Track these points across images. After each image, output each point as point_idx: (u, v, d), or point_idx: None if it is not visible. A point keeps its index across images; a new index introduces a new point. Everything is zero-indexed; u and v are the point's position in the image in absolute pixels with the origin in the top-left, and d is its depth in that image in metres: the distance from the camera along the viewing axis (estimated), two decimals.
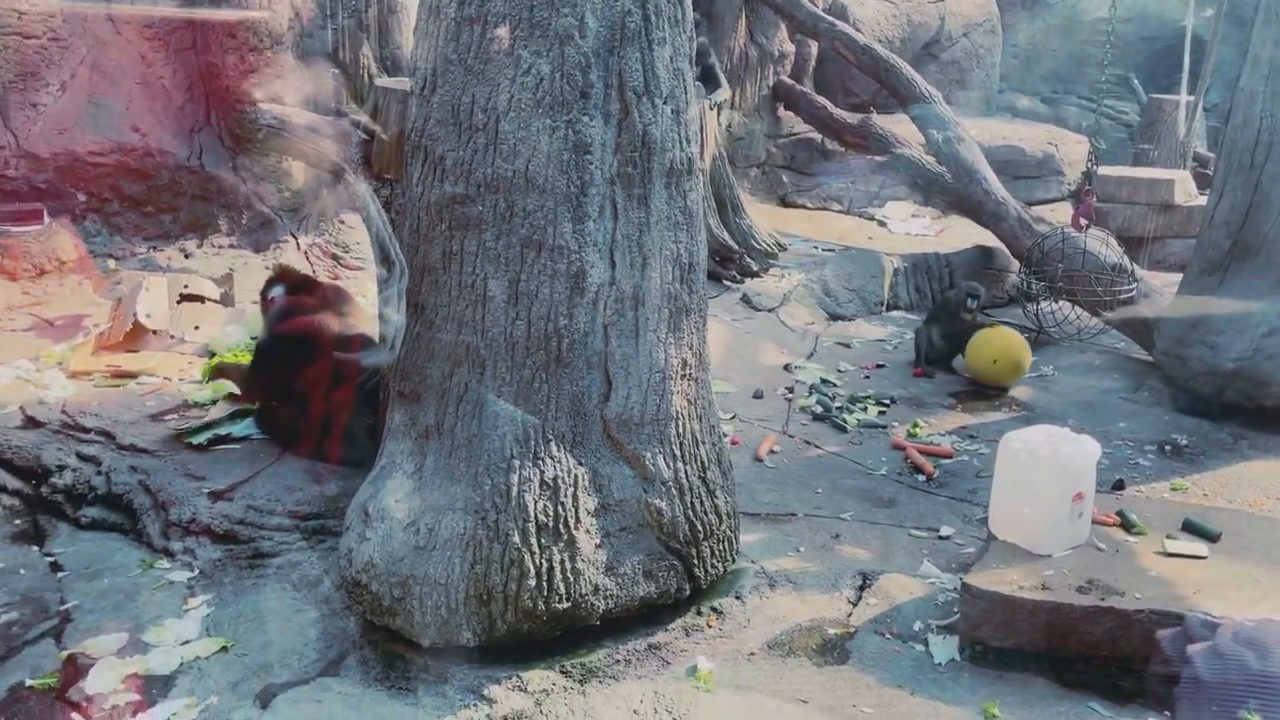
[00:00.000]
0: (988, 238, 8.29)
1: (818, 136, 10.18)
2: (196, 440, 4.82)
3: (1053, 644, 3.35)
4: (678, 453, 3.55)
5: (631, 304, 3.43)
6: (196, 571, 4.04)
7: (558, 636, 3.41)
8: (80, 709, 3.26)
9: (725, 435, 3.97)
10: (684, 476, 3.55)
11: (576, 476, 3.40)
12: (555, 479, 3.37)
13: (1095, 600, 3.34)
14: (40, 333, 6.05)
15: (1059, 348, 7.17)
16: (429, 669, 3.38)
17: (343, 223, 7.63)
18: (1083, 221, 6.60)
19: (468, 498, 3.34)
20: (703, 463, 3.63)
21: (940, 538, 4.38)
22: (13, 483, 4.68)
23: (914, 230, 9.54)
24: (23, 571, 4.07)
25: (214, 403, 5.26)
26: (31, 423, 5.03)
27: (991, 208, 7.90)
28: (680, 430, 3.56)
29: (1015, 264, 8.13)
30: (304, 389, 4.71)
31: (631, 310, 3.43)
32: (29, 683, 3.38)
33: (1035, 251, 7.05)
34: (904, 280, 8.24)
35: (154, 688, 3.36)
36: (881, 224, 9.73)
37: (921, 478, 5.02)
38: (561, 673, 3.35)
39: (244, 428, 4.99)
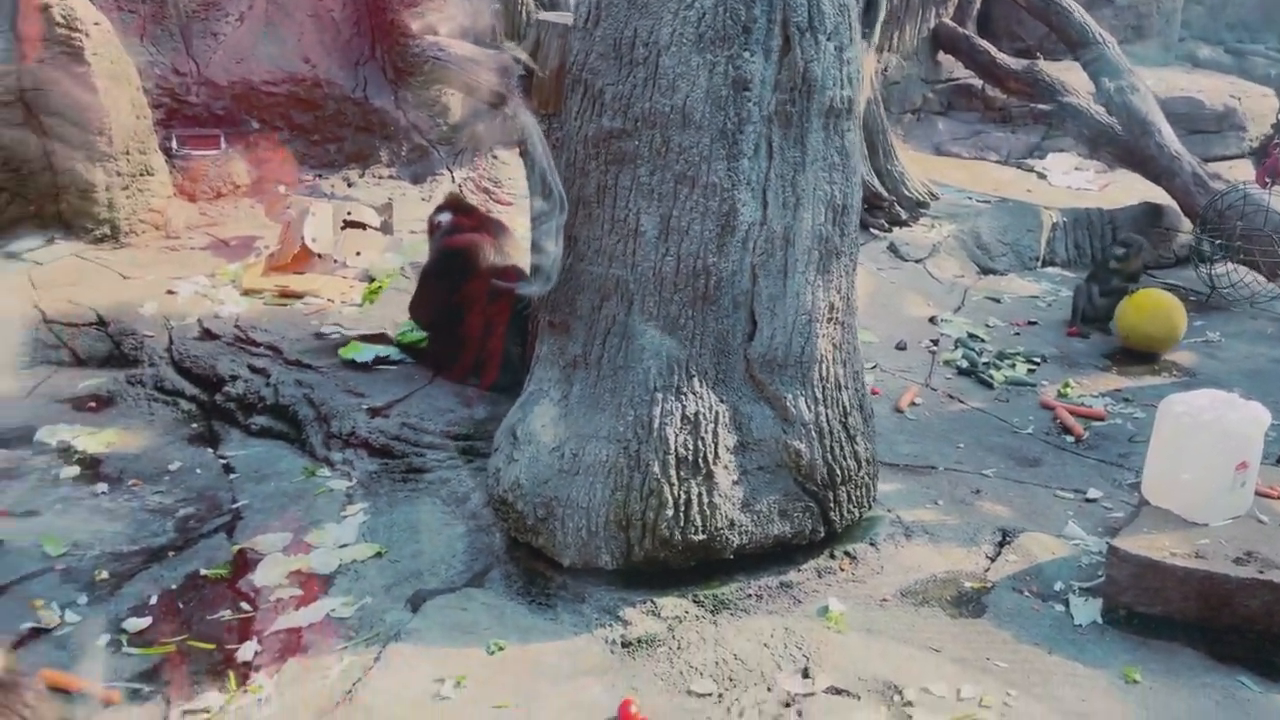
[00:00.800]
0: (1156, 194, 7.83)
1: (978, 83, 9.76)
2: (358, 359, 5.08)
3: (1203, 614, 3.23)
4: (820, 396, 3.54)
5: (781, 244, 3.41)
6: (354, 481, 4.30)
7: (692, 567, 3.48)
8: (248, 598, 3.54)
9: (867, 384, 3.93)
10: (825, 420, 3.55)
11: (718, 413, 3.44)
12: (696, 414, 3.42)
13: (1253, 573, 3.19)
14: (216, 251, 6.45)
15: (1228, 313, 6.76)
16: (568, 587, 3.52)
17: (496, 157, 7.81)
18: (1267, 179, 6.17)
19: (611, 427, 3.43)
20: (844, 408, 3.61)
21: (1087, 500, 4.25)
22: (190, 389, 5.05)
23: (1076, 184, 9.09)
24: (199, 471, 4.41)
25: (367, 325, 5.52)
26: (208, 335, 5.41)
27: (1164, 163, 7.45)
28: (823, 374, 3.54)
29: (1186, 223, 7.67)
30: (460, 315, 4.89)
31: (781, 250, 3.42)
32: (204, 572, 3.68)
33: (1211, 210, 6.63)
34: (1063, 235, 7.88)
35: (314, 585, 3.61)
36: (1041, 176, 9.31)
37: (1070, 439, 4.86)
38: (694, 602, 3.44)
39: (399, 352, 5.23)
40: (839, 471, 3.59)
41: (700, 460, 3.40)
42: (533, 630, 3.35)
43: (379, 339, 5.28)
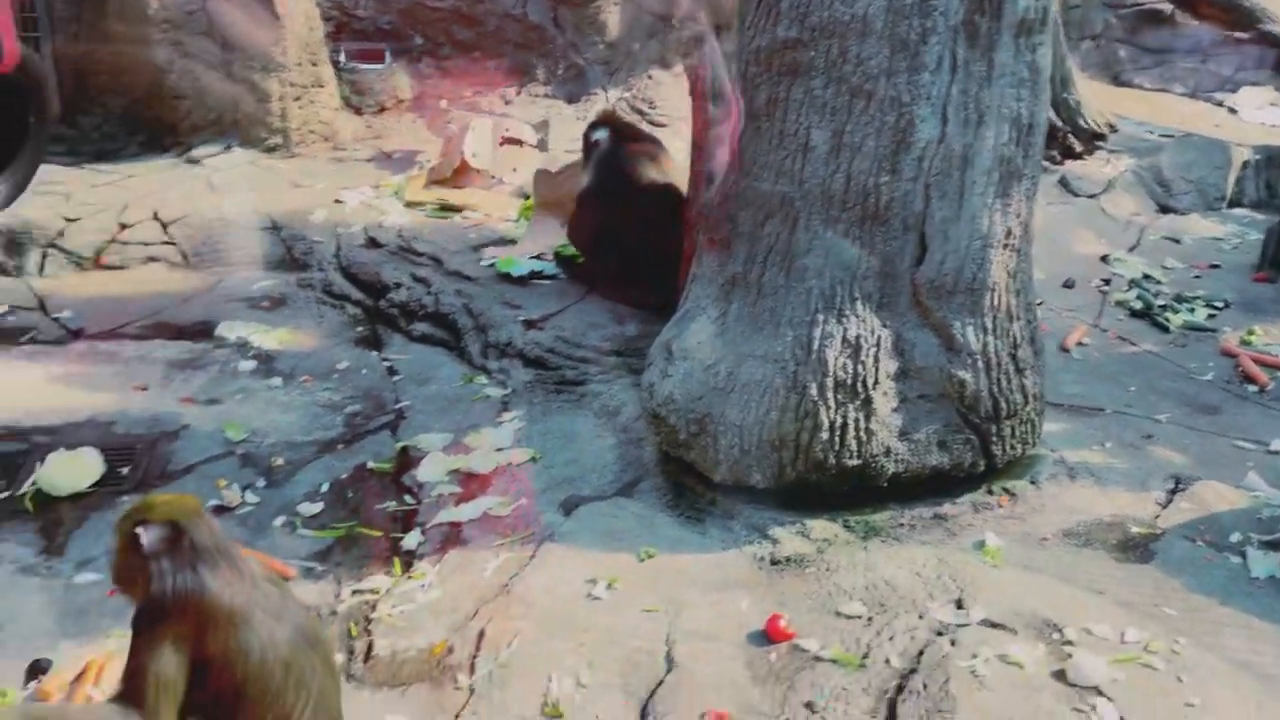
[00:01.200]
0: None
1: (1167, 7, 9.06)
2: (514, 272, 5.18)
3: None
4: (989, 325, 3.41)
5: (959, 164, 3.27)
6: (509, 390, 4.41)
7: (843, 492, 3.44)
8: (411, 492, 3.70)
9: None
10: (993, 351, 3.42)
11: (880, 338, 3.36)
12: (858, 338, 3.34)
13: None
14: (379, 164, 6.65)
15: None
16: (717, 504, 3.54)
17: (650, 78, 7.74)
18: None
19: (768, 347, 3.40)
20: (1014, 339, 3.47)
21: (1270, 452, 3.98)
22: (356, 294, 5.26)
23: (1271, 120, 8.39)
24: (364, 372, 4.61)
25: (523, 241, 5.61)
26: (373, 244, 5.60)
27: None
28: (995, 302, 3.40)
29: None
30: (616, 233, 4.91)
31: (958, 171, 3.28)
32: (370, 465, 3.86)
33: None
34: (1253, 175, 7.31)
35: (473, 484, 3.74)
36: (1232, 111, 8.62)
37: (1253, 388, 4.55)
38: (844, 526, 3.40)
39: (553, 266, 5.31)
40: (1004, 405, 3.46)
41: (859, 385, 3.34)
42: (681, 541, 3.39)
43: (533, 254, 5.37)
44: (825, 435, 3.34)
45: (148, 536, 2.21)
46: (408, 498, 3.66)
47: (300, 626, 2.34)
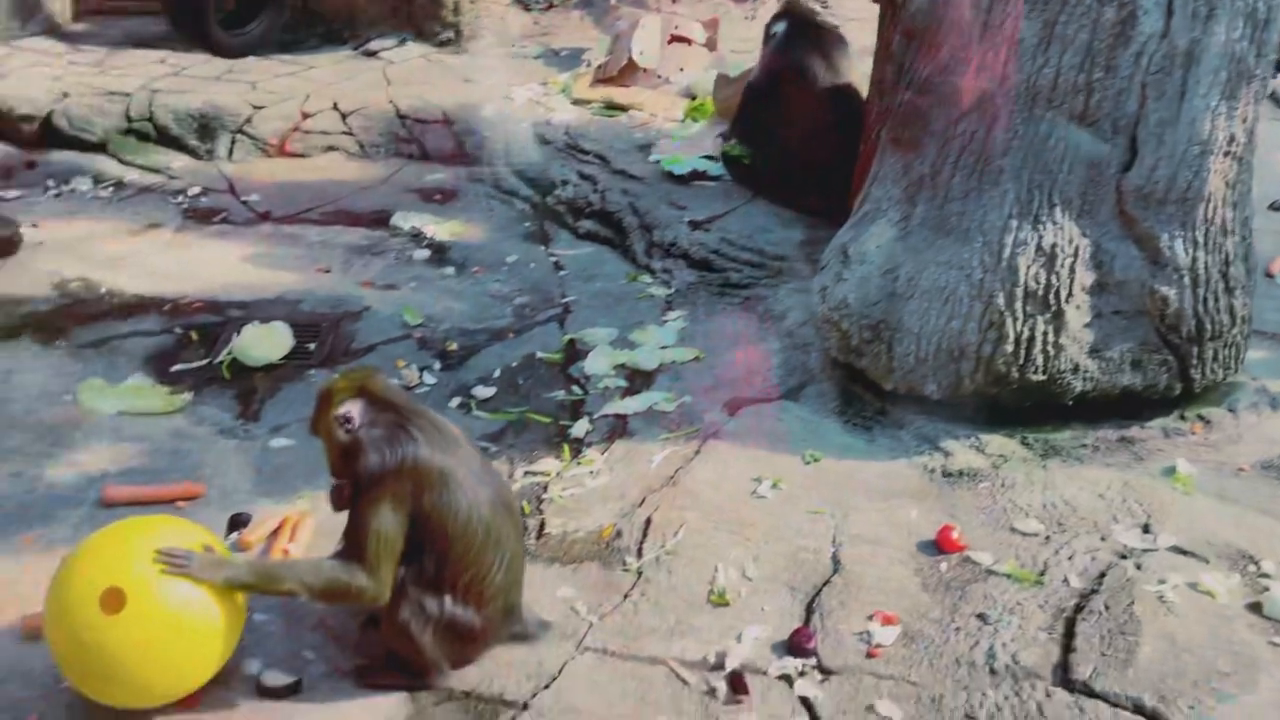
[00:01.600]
0: None
1: None
2: (678, 171, 5.13)
3: None
4: (1200, 239, 3.17)
5: (1182, 62, 3.01)
6: (673, 290, 4.40)
7: (1024, 408, 3.31)
8: (579, 383, 3.75)
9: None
10: (1202, 266, 3.19)
11: (1077, 248, 3.17)
12: (1053, 246, 3.17)
13: None
14: (548, 61, 6.64)
15: None
16: (886, 413, 3.46)
17: None
18: None
19: (954, 252, 3.26)
20: (1227, 256, 3.22)
21: None
22: (524, 190, 5.32)
23: None
24: (532, 266, 4.67)
25: (690, 141, 5.53)
26: (541, 140, 5.63)
27: None
28: (1209, 214, 3.16)
29: None
30: (785, 132, 4.78)
31: (1180, 69, 3.02)
32: (540, 354, 3.93)
33: None
34: None
35: (638, 379, 3.77)
36: None
37: None
38: (1022, 443, 3.28)
39: (719, 167, 5.22)
40: (1209, 326, 3.24)
41: (1051, 296, 3.18)
42: (848, 448, 3.34)
43: (699, 154, 5.28)
44: (1009, 347, 3.20)
45: (358, 407, 2.30)
46: (575, 388, 3.72)
47: (498, 490, 2.43)
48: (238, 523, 2.90)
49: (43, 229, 4.58)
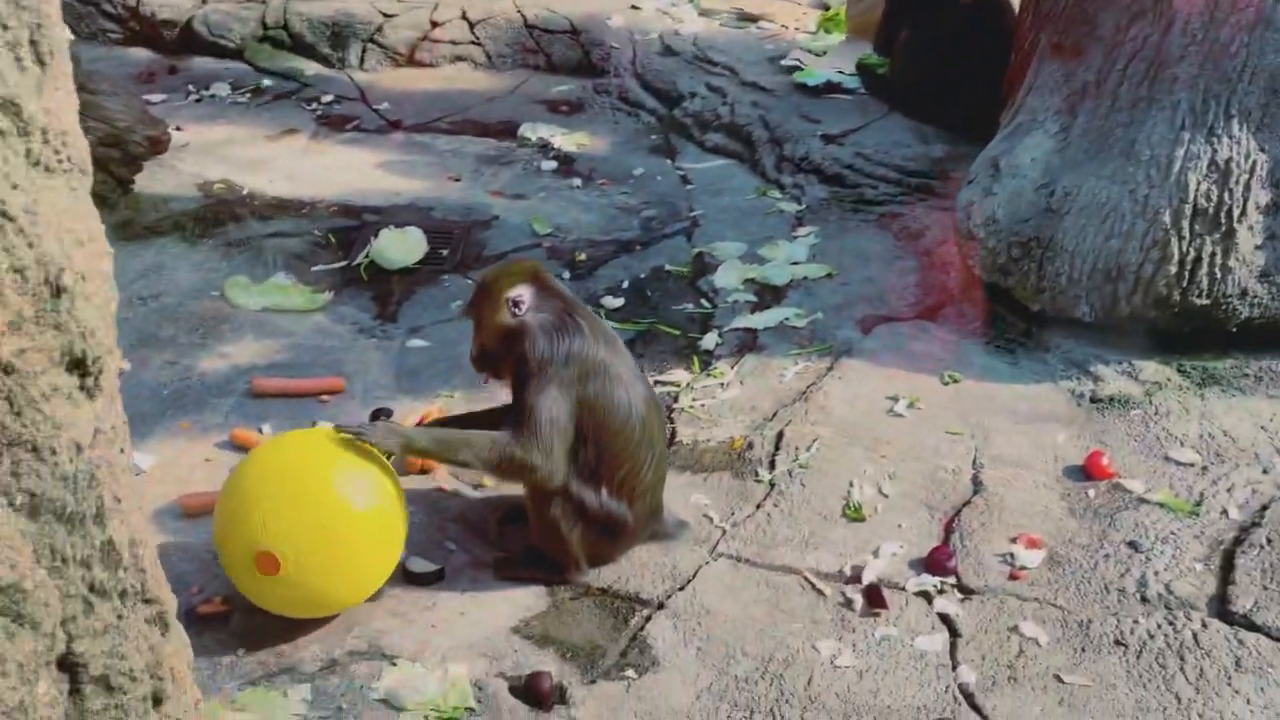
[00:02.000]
0: None
1: None
2: (811, 83, 4.96)
3: None
4: None
5: None
6: (804, 205, 4.28)
7: (1182, 334, 3.14)
8: (708, 296, 3.70)
9: None
10: None
11: (1255, 163, 2.95)
12: (1228, 162, 2.95)
13: None
14: None
15: None
16: (1031, 335, 3.32)
17: None
18: None
19: (1118, 166, 3.07)
20: None
21: None
22: (651, 102, 5.21)
23: None
24: (659, 179, 4.60)
25: (824, 53, 5.34)
26: (668, 51, 5.50)
27: None
28: None
29: None
30: (926, 42, 4.56)
31: None
32: (668, 267, 3.89)
33: None
34: None
35: (768, 294, 3.70)
36: None
37: None
38: (1179, 371, 3.11)
39: (853, 80, 5.03)
40: None
41: (1222, 215, 2.97)
42: (989, 370, 3.23)
43: (833, 67, 5.10)
44: (1173, 269, 3.02)
45: (529, 293, 2.30)
46: (704, 301, 3.67)
47: (650, 390, 2.43)
48: (379, 416, 2.96)
49: (186, 132, 4.71)
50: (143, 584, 1.05)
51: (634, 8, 5.85)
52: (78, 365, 0.93)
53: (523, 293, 2.32)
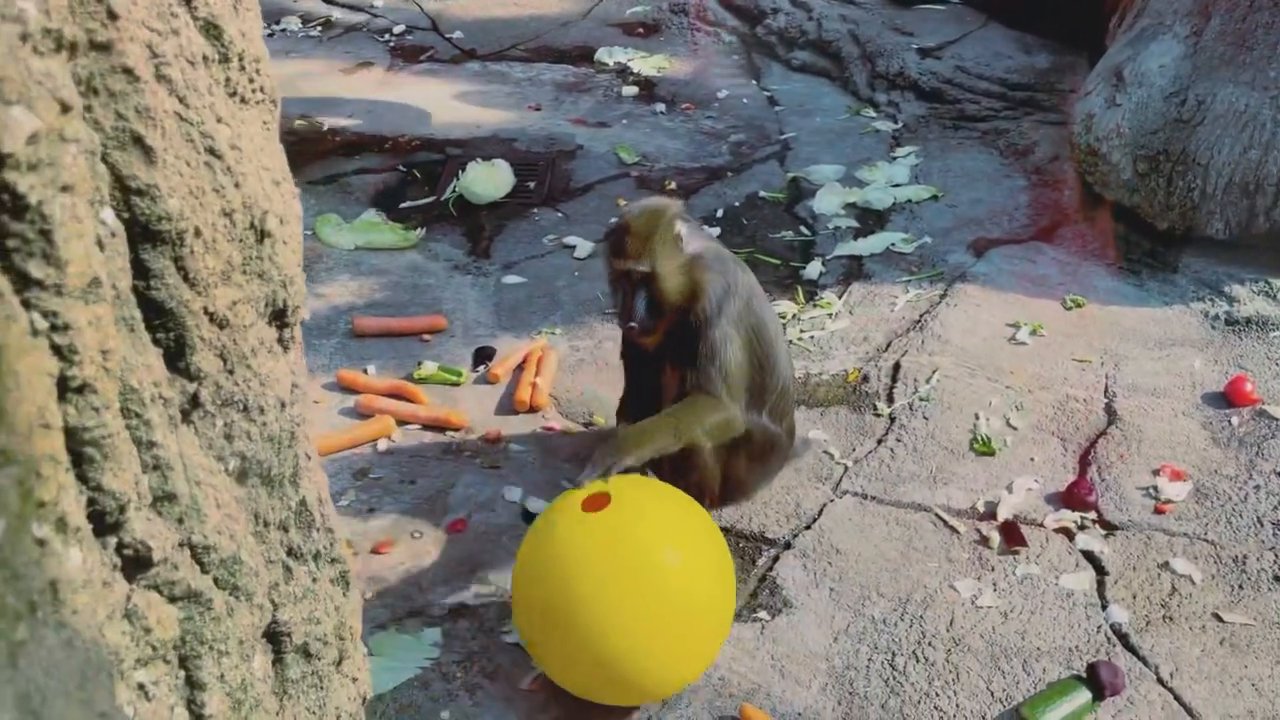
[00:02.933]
0: None
1: None
2: None
3: None
4: None
5: None
6: (901, 124, 4.10)
7: None
8: (806, 223, 3.56)
9: None
10: None
11: None
12: None
13: None
14: None
15: None
16: (1157, 255, 3.15)
17: None
18: None
19: (1258, 70, 2.85)
20: None
21: None
22: (732, 21, 5.01)
23: None
24: (745, 101, 4.43)
25: None
26: None
27: None
28: None
29: None
30: None
31: None
32: (762, 194, 3.75)
33: None
34: None
35: (870, 219, 3.55)
36: None
37: None
38: None
39: None
40: None
41: None
42: (1115, 293, 3.07)
43: None
44: None
45: (685, 228, 2.14)
46: (803, 229, 3.54)
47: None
48: (483, 356, 2.91)
49: None
50: (331, 543, 1.00)
51: None
52: (278, 316, 0.87)
53: (680, 225, 2.14)
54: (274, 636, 0.88)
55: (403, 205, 3.67)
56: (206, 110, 0.75)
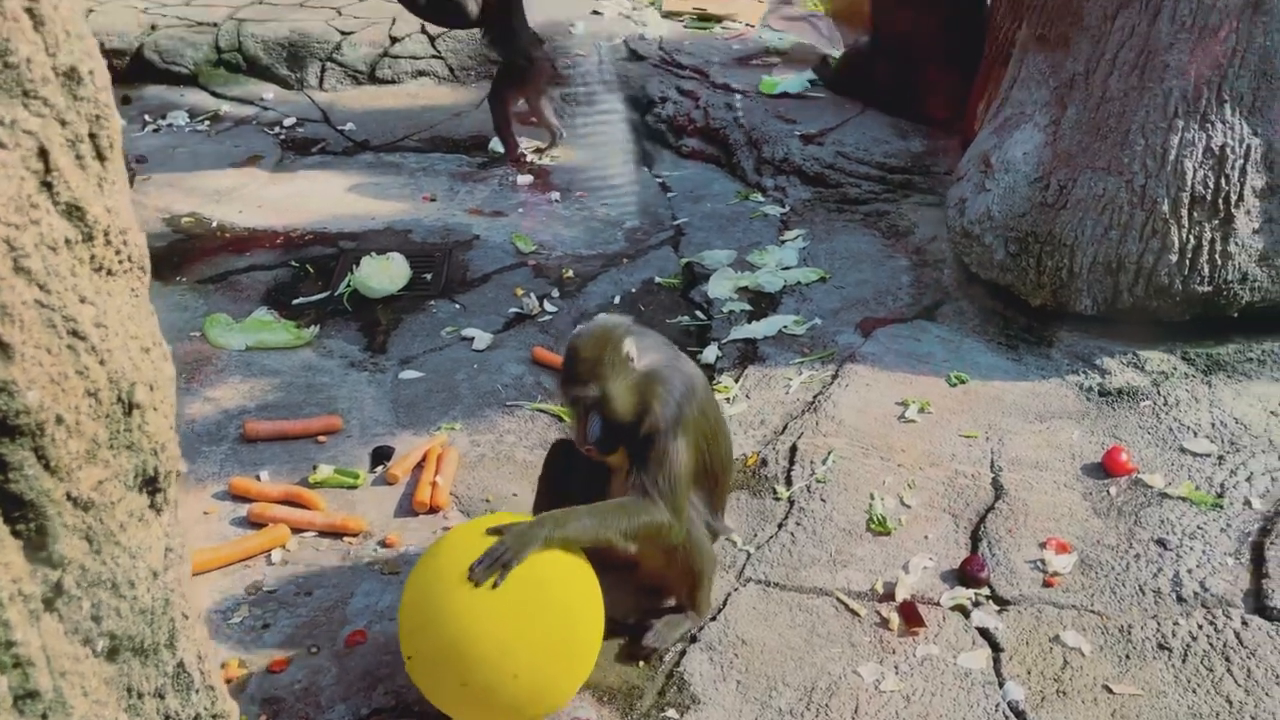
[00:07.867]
0: None
1: None
2: (772, 93, 4.91)
3: None
4: None
5: None
6: (788, 208, 4.24)
7: (1184, 322, 3.13)
8: (701, 307, 3.64)
9: None
10: None
11: (1249, 148, 2.95)
12: (1223, 148, 2.95)
13: None
14: None
15: None
16: (1032, 330, 3.30)
17: None
18: None
19: (1113, 157, 3.05)
20: None
21: None
22: (622, 109, 5.15)
23: None
24: (638, 188, 4.53)
25: (789, 50, 5.30)
26: (635, 56, 5.43)
27: None
28: None
29: None
30: (894, 42, 4.54)
31: None
32: (657, 279, 3.82)
33: None
34: None
35: (762, 302, 3.64)
36: None
37: None
38: (1183, 359, 3.11)
39: (817, 82, 4.99)
40: None
41: (1220, 201, 2.97)
42: (995, 368, 3.20)
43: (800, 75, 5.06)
44: (1174, 257, 3.01)
45: (633, 345, 2.12)
46: (699, 313, 3.61)
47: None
48: (381, 456, 2.86)
49: (147, 164, 4.55)
50: (212, 702, 0.96)
51: (595, 13, 5.78)
52: (149, 484, 0.84)
53: (629, 344, 2.12)
54: None
55: (295, 302, 3.62)
56: (69, 293, 0.74)
